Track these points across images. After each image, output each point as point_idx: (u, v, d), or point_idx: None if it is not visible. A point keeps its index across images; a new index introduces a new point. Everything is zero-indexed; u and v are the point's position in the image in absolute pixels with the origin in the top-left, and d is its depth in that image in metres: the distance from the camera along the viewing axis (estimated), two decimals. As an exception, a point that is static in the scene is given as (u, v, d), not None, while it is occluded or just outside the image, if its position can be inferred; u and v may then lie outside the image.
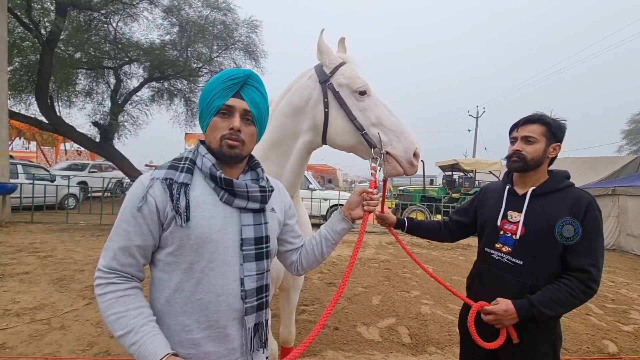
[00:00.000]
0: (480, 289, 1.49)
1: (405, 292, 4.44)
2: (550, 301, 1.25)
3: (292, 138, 1.53)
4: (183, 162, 0.97)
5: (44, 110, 9.77)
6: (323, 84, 1.43)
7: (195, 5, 11.37)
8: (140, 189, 0.91)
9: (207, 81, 1.06)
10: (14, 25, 9.30)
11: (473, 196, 1.75)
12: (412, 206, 10.71)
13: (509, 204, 1.44)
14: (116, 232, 0.90)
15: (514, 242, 1.38)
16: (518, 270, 1.36)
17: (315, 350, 2.82)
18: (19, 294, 3.63)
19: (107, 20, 10.73)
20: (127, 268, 0.90)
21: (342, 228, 1.17)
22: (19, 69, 10.21)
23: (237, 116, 0.97)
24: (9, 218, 7.91)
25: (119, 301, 0.86)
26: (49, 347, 2.64)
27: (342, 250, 7.05)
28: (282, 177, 1.57)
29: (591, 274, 1.25)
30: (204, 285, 0.91)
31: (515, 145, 1.40)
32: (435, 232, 1.74)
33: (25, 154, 20.21)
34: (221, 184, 0.95)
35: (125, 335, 0.83)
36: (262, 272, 1.00)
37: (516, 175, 1.49)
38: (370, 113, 1.37)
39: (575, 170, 12.91)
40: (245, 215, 0.98)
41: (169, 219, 0.90)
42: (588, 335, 3.38)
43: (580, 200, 1.30)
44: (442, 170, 13.69)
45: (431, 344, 3.05)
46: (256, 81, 1.01)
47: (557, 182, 1.39)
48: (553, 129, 1.38)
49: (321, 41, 1.43)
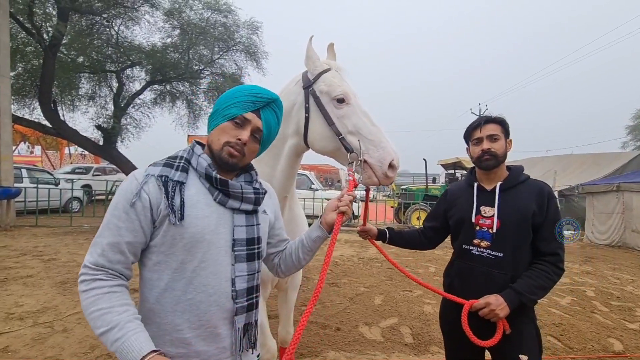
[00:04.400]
0: (463, 286, 1.50)
1: (407, 292, 4.42)
2: (534, 287, 1.34)
3: (280, 141, 1.55)
4: (178, 160, 0.96)
5: (48, 114, 9.85)
6: (306, 89, 1.46)
7: (196, 8, 11.41)
8: (134, 185, 0.90)
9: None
10: (17, 31, 9.39)
11: (438, 200, 1.79)
12: (415, 205, 10.66)
13: (480, 200, 1.50)
14: (106, 227, 0.88)
15: (491, 235, 1.43)
16: (498, 263, 1.41)
17: (317, 351, 2.81)
18: (22, 298, 3.66)
19: (109, 24, 10.81)
20: (116, 265, 0.88)
21: (317, 236, 1.14)
22: (22, 74, 10.31)
23: (248, 130, 0.98)
24: (14, 222, 7.99)
25: (104, 297, 0.84)
26: (51, 350, 2.65)
27: (345, 250, 7.04)
28: (274, 178, 1.60)
29: (559, 255, 1.39)
30: (196, 285, 0.91)
31: (484, 144, 1.46)
32: (416, 241, 1.77)
33: (30, 158, 20.37)
34: (216, 185, 0.95)
35: (108, 331, 0.81)
36: (253, 273, 1.00)
37: (480, 173, 1.55)
38: (348, 121, 1.37)
39: (579, 167, 12.79)
40: (238, 216, 0.99)
41: (162, 216, 0.89)
42: (593, 334, 3.34)
43: (542, 191, 1.43)
44: (444, 169, 13.64)
45: (434, 343, 3.03)
46: (278, 107, 1.05)
47: (518, 176, 1.49)
48: (506, 126, 1.50)
49: (309, 47, 1.46)
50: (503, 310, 1.32)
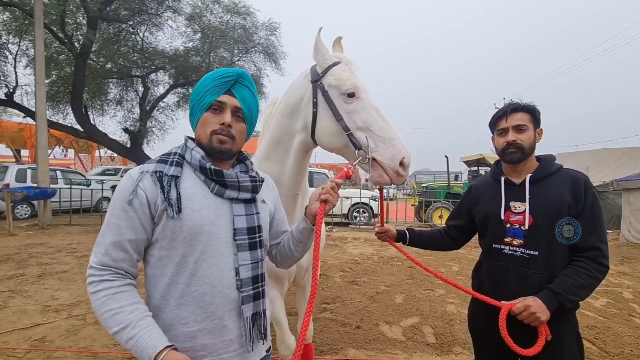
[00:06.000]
0: (495, 288, 1.39)
1: (429, 291, 4.32)
2: (572, 286, 1.23)
3: (289, 137, 1.53)
4: (172, 156, 0.97)
5: (79, 119, 10.39)
6: (314, 83, 1.41)
7: (216, 12, 11.68)
8: (129, 183, 0.90)
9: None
10: (50, 40, 9.95)
11: (462, 197, 1.68)
12: (437, 203, 10.42)
13: (509, 195, 1.39)
14: (107, 227, 0.89)
15: (524, 232, 1.32)
16: (533, 262, 1.30)
17: (337, 349, 2.80)
18: (57, 291, 3.88)
19: (135, 30, 11.26)
20: (120, 263, 0.88)
21: (303, 227, 1.10)
22: (55, 81, 10.93)
23: (228, 112, 0.98)
24: (50, 221, 8.48)
25: (114, 298, 0.85)
26: (84, 341, 2.79)
27: (364, 248, 6.98)
28: (284, 174, 1.57)
29: (602, 250, 1.25)
30: (198, 277, 0.91)
31: (510, 136, 1.35)
32: (438, 241, 1.67)
33: (64, 161, 21.54)
34: (211, 176, 0.95)
35: (121, 330, 0.82)
36: (256, 261, 1.00)
37: (507, 166, 1.44)
38: (357, 116, 1.32)
39: (614, 162, 12.07)
40: (236, 205, 0.99)
41: (160, 211, 0.89)
42: (631, 338, 3.14)
43: (577, 180, 1.31)
44: (467, 166, 13.25)
45: (457, 344, 2.94)
46: (247, 80, 1.02)
47: (550, 166, 1.37)
48: (536, 115, 1.38)
49: (318, 39, 1.41)
50: (544, 313, 1.21)
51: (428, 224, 10.23)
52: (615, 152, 12.48)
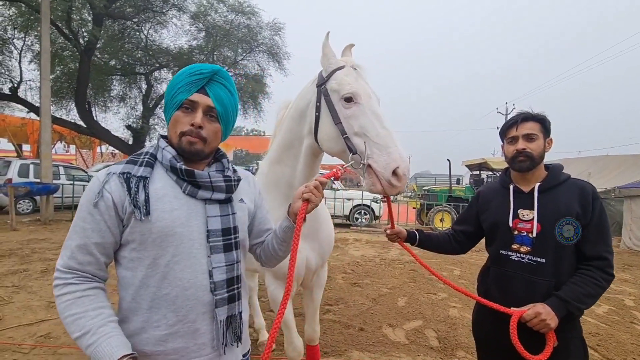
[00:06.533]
0: (501, 295, 1.40)
1: (432, 294, 4.32)
2: (581, 295, 1.25)
3: (299, 141, 1.55)
4: (143, 156, 0.94)
5: (83, 115, 10.42)
6: (318, 87, 1.42)
7: (220, 11, 11.71)
8: (95, 185, 0.87)
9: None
10: (55, 36, 9.97)
11: (470, 202, 1.70)
12: (438, 206, 10.42)
13: (517, 203, 1.40)
14: (73, 230, 0.87)
15: (532, 240, 1.34)
16: (540, 269, 1.32)
17: (341, 351, 2.80)
18: (61, 288, 3.88)
19: (139, 28, 11.29)
20: (86, 267, 0.86)
21: (286, 226, 1.07)
22: (60, 76, 10.96)
23: (199, 112, 0.93)
24: (52, 216, 8.49)
25: (77, 302, 0.83)
26: (89, 338, 2.79)
27: (366, 250, 6.99)
28: (295, 178, 1.60)
29: (608, 260, 1.29)
30: (170, 280, 0.89)
31: (519, 144, 1.37)
32: (446, 245, 1.68)
33: (66, 156, 21.54)
34: (182, 176, 0.92)
35: (82, 336, 0.80)
36: (232, 264, 0.97)
37: (516, 174, 1.46)
38: (355, 121, 1.30)
39: (616, 169, 12.08)
40: (210, 206, 0.96)
41: (128, 213, 0.86)
42: (634, 345, 3.15)
43: (585, 190, 1.33)
44: (469, 170, 13.26)
45: (460, 348, 2.95)
46: (224, 78, 0.98)
47: (558, 175, 1.39)
48: (547, 125, 1.40)
49: (325, 44, 1.41)
50: (553, 320, 1.22)
51: (429, 227, 10.24)
52: (617, 159, 12.48)
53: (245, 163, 32.41)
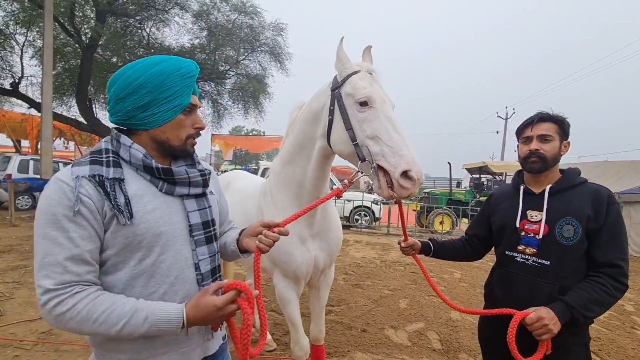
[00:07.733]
0: (504, 295, 1.39)
1: (433, 297, 4.33)
2: (588, 301, 1.19)
3: (312, 143, 1.57)
4: (105, 155, 0.88)
5: (83, 111, 10.38)
6: (333, 91, 1.44)
7: (223, 10, 11.70)
8: (66, 190, 0.80)
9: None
10: (57, 32, 9.94)
11: (482, 205, 1.68)
12: (438, 209, 10.44)
13: (527, 204, 1.38)
14: (54, 244, 0.78)
15: (538, 242, 1.32)
16: (544, 271, 1.30)
17: (344, 352, 2.80)
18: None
19: (142, 25, 11.27)
20: (86, 276, 0.81)
21: (232, 250, 1.10)
22: (61, 73, 10.92)
23: (196, 113, 0.96)
24: (51, 213, 8.42)
25: (99, 300, 0.80)
26: (91, 335, 2.78)
27: (367, 252, 6.98)
28: (306, 179, 1.62)
29: (622, 268, 1.22)
30: (157, 278, 0.89)
31: (533, 145, 1.34)
32: (461, 252, 1.66)
33: (65, 153, 21.46)
34: (159, 175, 0.90)
35: (128, 322, 0.79)
36: (213, 254, 1.01)
37: (528, 176, 1.44)
38: (368, 125, 1.31)
39: (615, 175, 12.14)
40: (188, 201, 0.97)
41: (109, 218, 0.82)
42: (635, 351, 3.16)
43: (599, 194, 1.28)
44: (469, 173, 13.29)
45: (463, 350, 2.95)
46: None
47: (573, 179, 1.36)
48: (565, 127, 1.36)
49: (340, 49, 1.43)
50: (556, 326, 1.18)
51: (429, 230, 10.26)
52: (616, 165, 12.54)
53: (245, 163, 32.40)
